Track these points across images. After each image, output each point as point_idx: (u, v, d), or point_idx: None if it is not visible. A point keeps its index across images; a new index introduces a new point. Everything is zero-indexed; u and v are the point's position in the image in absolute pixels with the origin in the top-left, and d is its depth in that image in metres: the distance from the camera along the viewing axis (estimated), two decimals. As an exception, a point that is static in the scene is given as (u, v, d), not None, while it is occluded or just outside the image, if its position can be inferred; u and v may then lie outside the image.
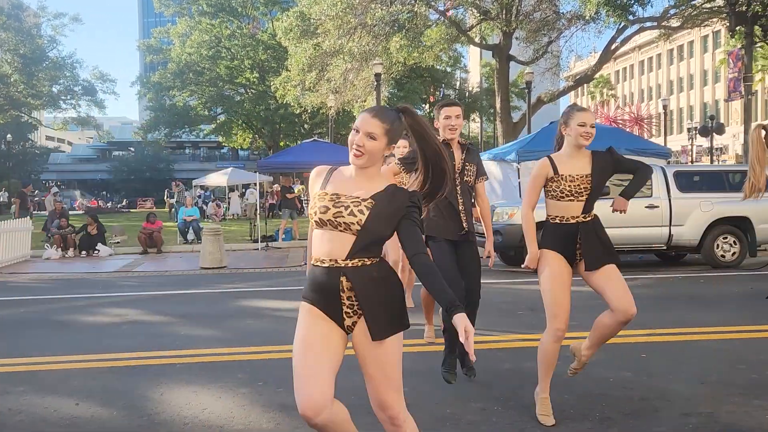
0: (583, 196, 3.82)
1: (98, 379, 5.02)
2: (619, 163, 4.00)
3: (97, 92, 45.44)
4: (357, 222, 2.47)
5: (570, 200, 3.81)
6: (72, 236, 15.64)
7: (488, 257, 4.89)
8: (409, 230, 2.50)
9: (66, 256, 15.30)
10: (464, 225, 4.51)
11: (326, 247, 2.52)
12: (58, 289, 10.21)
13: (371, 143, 2.50)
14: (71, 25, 44.52)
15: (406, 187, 2.61)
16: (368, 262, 2.52)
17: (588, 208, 3.86)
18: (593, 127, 3.82)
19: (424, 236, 2.70)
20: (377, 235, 2.51)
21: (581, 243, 3.85)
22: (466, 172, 4.52)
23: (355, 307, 2.55)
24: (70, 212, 22.09)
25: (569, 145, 3.90)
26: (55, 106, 45.50)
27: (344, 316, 2.58)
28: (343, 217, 2.48)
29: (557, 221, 3.90)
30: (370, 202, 2.49)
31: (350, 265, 2.50)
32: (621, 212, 4.05)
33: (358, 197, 2.51)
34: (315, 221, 2.56)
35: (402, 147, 5.28)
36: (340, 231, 2.50)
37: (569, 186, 3.80)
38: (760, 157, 3.71)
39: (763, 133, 3.71)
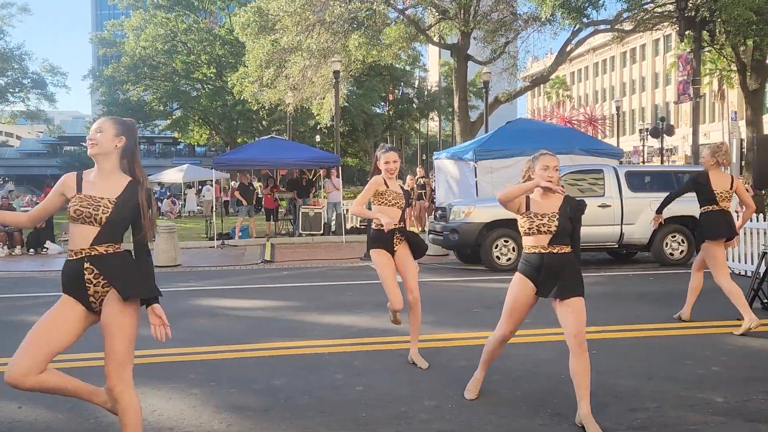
0: None
1: (43, 382, 4.86)
2: None
3: (47, 85, 44.01)
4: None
5: None
6: (19, 233, 15.15)
7: None
8: None
9: (12, 254, 14.82)
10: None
11: None
12: (4, 289, 9.86)
13: None
14: (19, 15, 42.81)
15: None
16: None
17: None
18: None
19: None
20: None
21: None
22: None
23: None
24: (21, 209, 21.40)
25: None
26: (3, 98, 43.89)
27: None
28: None
29: None
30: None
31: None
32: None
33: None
34: None
35: (392, 162, 5.06)
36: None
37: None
38: None
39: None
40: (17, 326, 7.03)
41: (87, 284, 3.08)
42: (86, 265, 3.06)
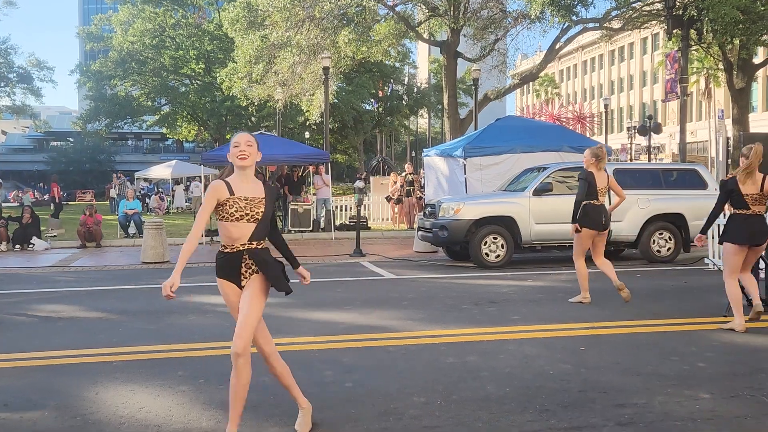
0: None
1: (29, 379, 4.82)
2: None
3: (33, 80, 43.64)
4: None
5: None
6: (4, 229, 15.01)
7: None
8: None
9: (-2, 250, 14.68)
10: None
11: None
12: (-11, 285, 9.77)
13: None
14: (5, 8, 42.64)
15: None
16: None
17: None
18: None
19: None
20: None
21: None
22: None
23: None
24: (4, 204, 21.25)
25: None
26: (-12, 93, 43.49)
27: None
28: None
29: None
30: None
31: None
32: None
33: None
34: None
35: (244, 143, 3.64)
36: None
37: None
38: None
39: None
40: (1, 323, 6.96)
41: None
42: None
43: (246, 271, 3.57)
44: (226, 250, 3.55)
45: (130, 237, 16.69)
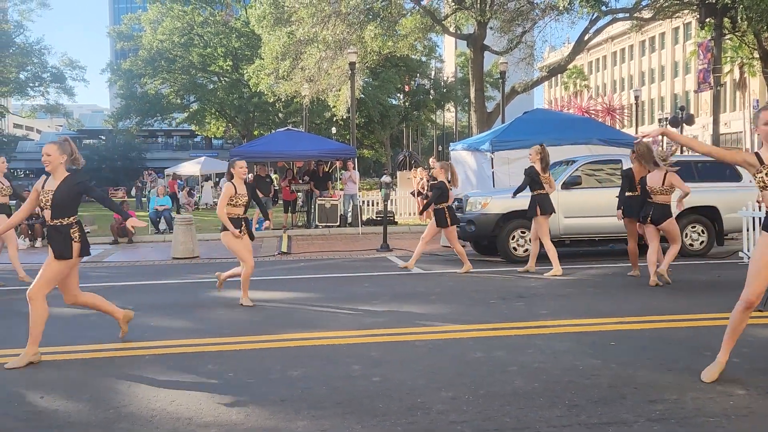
0: None
1: (64, 372, 4.93)
2: None
3: (66, 79, 44.49)
4: None
5: None
6: (40, 225, 15.34)
7: None
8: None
9: (34, 246, 15.01)
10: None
11: None
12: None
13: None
14: (39, 10, 43.47)
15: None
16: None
17: None
18: None
19: None
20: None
21: None
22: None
23: None
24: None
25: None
26: (23, 93, 44.44)
27: None
28: None
29: None
30: None
31: None
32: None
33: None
34: None
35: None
36: None
37: None
38: None
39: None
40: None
41: None
42: None
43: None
44: None
45: (160, 233, 16.94)
